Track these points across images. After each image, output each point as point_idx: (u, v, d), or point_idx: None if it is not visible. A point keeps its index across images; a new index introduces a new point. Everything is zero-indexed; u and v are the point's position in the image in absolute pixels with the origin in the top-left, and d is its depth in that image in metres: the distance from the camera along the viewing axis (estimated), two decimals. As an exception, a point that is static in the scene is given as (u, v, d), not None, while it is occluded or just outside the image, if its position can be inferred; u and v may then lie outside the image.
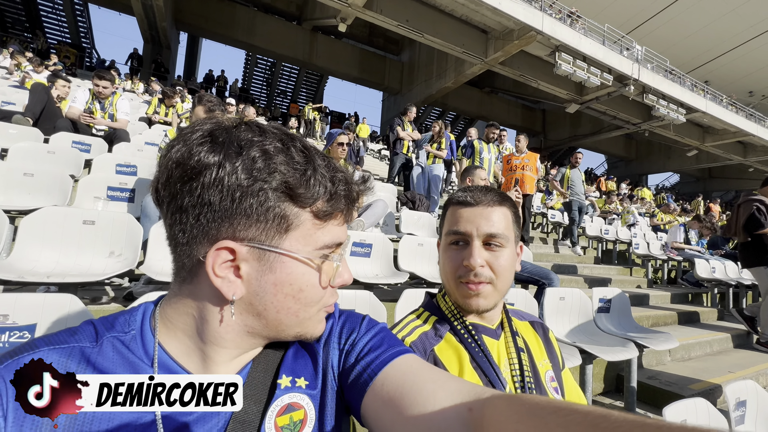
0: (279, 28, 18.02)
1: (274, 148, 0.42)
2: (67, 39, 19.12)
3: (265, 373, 0.48)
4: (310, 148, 0.46)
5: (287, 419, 0.46)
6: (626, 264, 6.16)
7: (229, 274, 0.43)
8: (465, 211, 0.76)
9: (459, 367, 0.71)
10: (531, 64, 14.20)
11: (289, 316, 0.45)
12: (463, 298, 0.74)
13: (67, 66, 12.91)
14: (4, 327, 1.06)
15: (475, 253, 0.72)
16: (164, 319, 0.46)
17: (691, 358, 3.18)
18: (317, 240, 0.45)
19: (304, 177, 0.43)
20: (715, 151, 19.86)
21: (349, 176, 0.48)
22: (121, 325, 0.45)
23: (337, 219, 0.47)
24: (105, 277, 1.65)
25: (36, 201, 2.36)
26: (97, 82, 4.04)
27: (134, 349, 0.44)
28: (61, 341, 0.42)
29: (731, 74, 20.27)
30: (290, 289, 0.44)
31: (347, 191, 0.47)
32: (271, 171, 0.41)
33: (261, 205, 0.41)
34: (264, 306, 0.44)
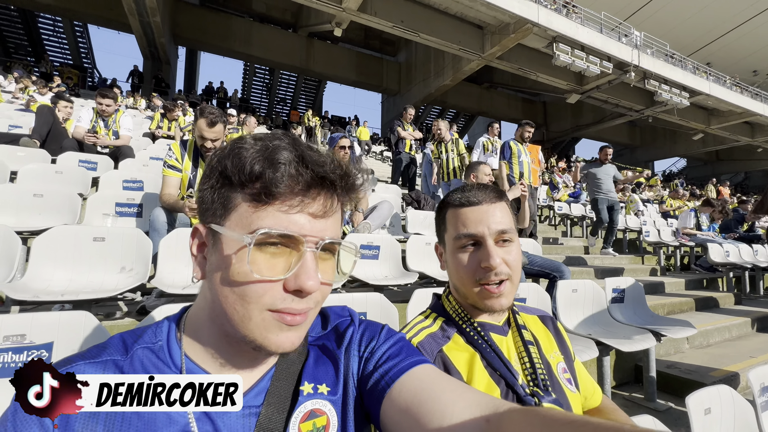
0: (275, 36, 18.16)
1: (249, 140, 0.45)
2: (68, 60, 19.45)
3: (287, 380, 0.48)
4: (295, 140, 0.45)
5: (310, 425, 0.46)
6: (637, 252, 6.08)
7: (199, 254, 0.47)
8: (470, 211, 0.75)
9: (469, 367, 0.70)
10: (529, 57, 14.14)
11: (230, 309, 0.43)
12: (485, 300, 0.73)
13: (70, 87, 13.12)
14: (22, 346, 1.08)
15: (494, 253, 0.72)
16: (188, 325, 0.48)
17: (710, 344, 3.12)
18: (251, 223, 0.42)
19: (239, 159, 0.43)
20: (721, 133, 19.58)
21: (310, 157, 0.43)
22: (149, 336, 0.47)
23: (283, 204, 0.42)
24: (118, 292, 1.66)
25: (46, 221, 2.40)
26: (100, 101, 4.10)
27: (163, 358, 0.45)
28: (94, 356, 0.43)
29: (734, 54, 19.98)
30: (225, 274, 0.43)
31: (296, 172, 0.42)
32: (223, 157, 0.44)
33: (212, 188, 0.45)
34: (213, 292, 0.45)
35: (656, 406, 2.22)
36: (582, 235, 6.94)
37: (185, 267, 2.03)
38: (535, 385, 0.70)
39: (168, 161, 2.28)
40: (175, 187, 2.30)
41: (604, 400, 0.91)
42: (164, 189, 2.25)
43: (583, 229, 7.11)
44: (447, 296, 0.82)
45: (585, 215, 7.11)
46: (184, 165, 2.34)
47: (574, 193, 8.47)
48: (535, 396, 0.68)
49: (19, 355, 1.07)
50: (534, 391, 0.69)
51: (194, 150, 2.36)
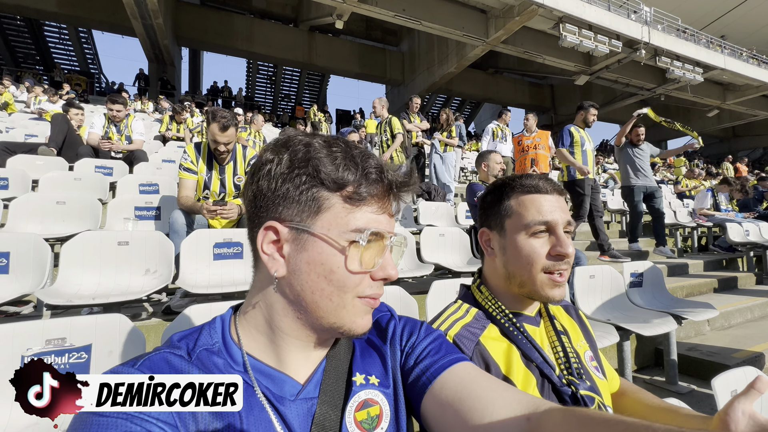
0: (277, 32, 18.09)
1: (317, 143, 0.47)
2: (75, 67, 19.73)
3: (339, 372, 0.51)
4: (351, 143, 0.50)
5: (365, 414, 0.49)
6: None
7: (274, 252, 0.48)
8: (544, 199, 0.76)
9: (506, 357, 0.71)
10: (535, 40, 13.82)
11: (323, 299, 0.47)
12: (547, 289, 0.74)
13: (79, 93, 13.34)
14: (63, 349, 1.13)
15: (568, 241, 0.74)
16: (242, 321, 0.51)
17: (732, 326, 3.09)
18: (347, 223, 0.46)
19: (334, 163, 0.46)
20: (738, 108, 18.94)
21: (386, 166, 0.49)
22: (206, 338, 0.49)
23: (371, 206, 0.48)
24: (145, 294, 1.72)
25: (70, 227, 2.47)
26: (110, 107, 4.17)
27: (224, 358, 0.48)
28: (173, 347, 0.47)
29: (750, 25, 19.18)
30: (321, 269, 0.46)
31: (379, 178, 0.48)
32: (307, 160, 0.47)
33: (296, 188, 0.46)
34: (301, 286, 0.47)
35: (678, 389, 2.22)
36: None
37: (206, 267, 2.08)
38: (570, 374, 0.71)
39: (183, 164, 2.32)
40: (192, 189, 2.34)
41: (623, 383, 0.92)
42: (181, 191, 2.30)
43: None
44: (478, 287, 0.82)
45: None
46: (199, 167, 2.38)
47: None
48: (571, 385, 0.69)
49: (60, 357, 1.13)
50: (570, 380, 0.70)
51: (208, 152, 2.40)
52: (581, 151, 3.96)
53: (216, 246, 2.10)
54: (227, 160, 2.43)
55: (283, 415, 0.45)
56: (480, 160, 2.98)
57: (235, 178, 2.47)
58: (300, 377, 0.50)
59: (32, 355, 1.09)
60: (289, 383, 0.48)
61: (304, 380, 0.50)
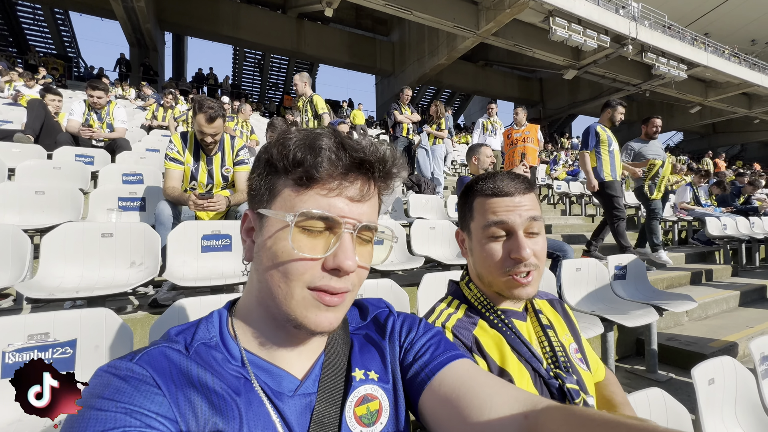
0: (264, 19, 17.64)
1: (293, 136, 0.47)
2: (52, 50, 18.89)
3: (337, 368, 0.51)
4: (330, 131, 0.48)
5: (364, 409, 0.49)
6: (635, 228, 6.14)
7: (248, 238, 0.50)
8: (502, 201, 0.75)
9: (499, 352, 0.72)
10: (525, 33, 13.84)
11: (274, 286, 0.45)
12: (511, 290, 0.74)
13: (56, 78, 12.77)
14: (47, 344, 1.10)
15: (524, 245, 0.72)
16: (239, 315, 0.51)
17: (708, 316, 3.21)
18: (294, 206, 0.45)
19: (284, 147, 0.45)
20: (719, 105, 19.45)
21: (347, 145, 0.45)
22: (203, 332, 0.48)
23: (322, 188, 0.45)
24: (131, 287, 1.68)
25: (50, 218, 2.39)
26: (91, 93, 4.01)
27: (222, 352, 0.47)
28: (171, 341, 0.46)
29: (732, 23, 19.61)
30: (270, 253, 0.46)
31: (331, 158, 0.44)
32: (268, 148, 0.47)
33: (258, 176, 0.49)
34: (260, 270, 0.47)
35: (657, 377, 2.30)
36: (581, 213, 6.98)
37: (194, 260, 2.05)
38: (556, 368, 0.72)
39: (170, 154, 2.26)
40: (178, 180, 2.29)
41: (608, 374, 0.95)
42: (167, 182, 2.24)
43: (582, 207, 7.14)
44: (467, 283, 0.82)
45: (583, 193, 7.13)
46: (186, 158, 2.32)
47: (573, 171, 8.48)
48: (558, 378, 0.71)
49: (44, 353, 1.10)
50: (557, 373, 0.71)
51: (195, 143, 2.34)
52: (608, 152, 3.63)
53: (204, 238, 2.06)
54: (215, 150, 2.38)
55: (281, 411, 0.45)
56: (470, 153, 2.99)
57: (223, 169, 2.42)
58: (296, 372, 0.49)
59: (14, 351, 1.06)
60: (287, 378, 0.48)
61: (302, 376, 0.49)
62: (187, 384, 0.41)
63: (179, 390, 0.40)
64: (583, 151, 3.67)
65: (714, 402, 1.31)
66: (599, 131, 3.66)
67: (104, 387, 0.38)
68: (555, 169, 8.82)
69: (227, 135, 2.45)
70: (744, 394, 1.40)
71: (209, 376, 0.43)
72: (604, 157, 3.63)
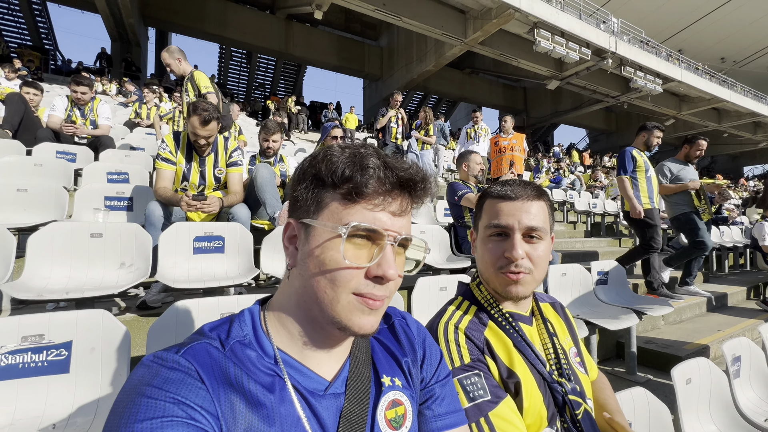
0: (252, 18, 17.46)
1: (337, 150, 0.50)
2: (27, 42, 18.16)
3: (363, 371, 0.54)
4: (374, 147, 0.52)
5: (393, 413, 0.53)
6: (615, 236, 6.37)
7: (291, 246, 0.53)
8: (505, 204, 0.79)
9: (508, 353, 0.76)
10: (511, 43, 14.19)
11: (320, 291, 0.48)
12: (503, 286, 0.78)
13: (32, 71, 12.28)
14: (41, 346, 1.08)
15: (517, 246, 0.76)
16: (269, 316, 0.53)
17: (683, 320, 3.36)
18: (341, 218, 0.48)
19: (332, 164, 0.49)
20: (691, 119, 20.38)
21: (391, 163, 0.50)
22: (237, 330, 0.50)
23: (369, 203, 0.49)
24: (122, 288, 1.65)
25: (33, 217, 2.31)
26: (75, 88, 3.90)
27: (257, 350, 0.49)
28: (208, 338, 0.48)
29: (704, 41, 20.65)
30: (317, 261, 0.48)
31: (378, 175, 0.48)
32: (315, 163, 0.51)
33: (306, 189, 0.51)
34: (304, 277, 0.50)
35: (636, 378, 2.41)
36: (563, 220, 7.18)
37: (186, 261, 2.02)
38: (560, 375, 0.77)
39: (162, 154, 2.23)
40: (170, 180, 2.26)
41: (600, 377, 1.01)
42: (159, 182, 2.21)
43: (564, 214, 7.35)
44: (478, 285, 0.86)
45: (566, 200, 7.34)
46: (178, 158, 2.29)
47: (556, 179, 8.72)
48: (561, 385, 0.75)
49: (38, 354, 1.08)
50: (560, 381, 0.76)
51: (187, 143, 2.32)
52: (645, 178, 3.40)
53: (196, 239, 2.04)
54: (207, 151, 2.36)
55: (313, 409, 0.47)
56: (461, 160, 3.06)
57: (216, 170, 2.41)
58: (325, 374, 0.51)
59: (7, 353, 1.04)
60: (317, 379, 0.50)
61: (331, 377, 0.52)
62: (225, 382, 0.43)
63: (220, 387, 0.42)
64: (621, 176, 3.41)
65: (691, 400, 1.39)
66: (636, 156, 3.43)
67: (153, 376, 0.40)
68: (538, 177, 9.05)
69: (221, 136, 2.43)
70: (717, 393, 1.49)
71: (245, 376, 0.45)
72: (641, 183, 3.40)
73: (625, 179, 3.40)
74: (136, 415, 0.37)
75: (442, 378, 0.62)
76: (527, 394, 0.72)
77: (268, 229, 2.66)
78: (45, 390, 1.07)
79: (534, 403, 0.72)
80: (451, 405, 0.60)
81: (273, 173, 2.65)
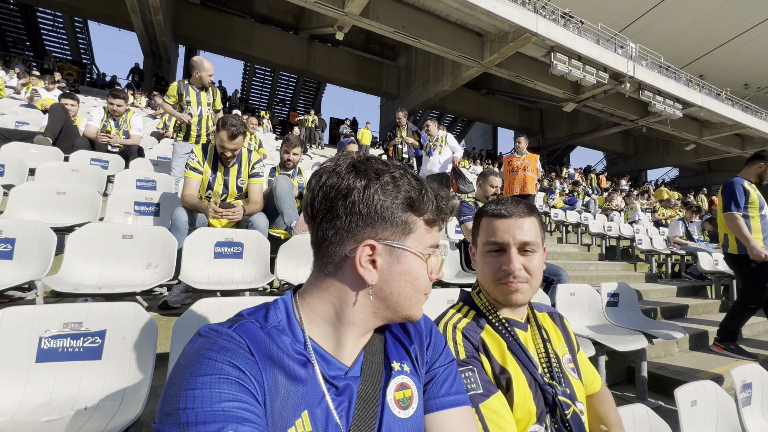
0: (276, 38, 18.27)
1: (398, 175, 0.59)
2: (67, 56, 19.40)
3: (376, 358, 0.62)
4: (419, 176, 0.62)
5: (401, 395, 0.60)
6: (630, 260, 6.26)
7: (368, 265, 0.57)
8: (500, 222, 0.88)
9: (501, 353, 0.83)
10: (527, 65, 14.38)
11: (405, 300, 0.58)
12: (504, 295, 0.86)
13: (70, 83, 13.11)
14: (79, 333, 1.18)
15: (514, 260, 0.84)
16: (306, 309, 0.60)
17: (698, 348, 3.28)
18: (427, 241, 0.60)
19: (420, 194, 0.59)
20: (713, 144, 20.00)
21: (445, 195, 0.63)
22: (273, 317, 0.58)
23: (437, 226, 0.62)
24: (148, 287, 1.77)
25: (69, 218, 2.49)
26: (111, 101, 4.18)
27: (290, 336, 0.56)
28: (252, 320, 0.56)
29: (726, 67, 20.45)
30: (409, 277, 0.58)
31: (445, 206, 0.61)
32: (398, 190, 0.57)
33: (393, 214, 0.57)
34: (390, 291, 0.58)
35: (647, 404, 2.36)
36: (576, 242, 7.11)
37: (206, 265, 2.14)
38: (551, 378, 0.83)
39: (190, 164, 2.38)
40: (196, 188, 2.41)
41: (603, 388, 1.05)
42: (186, 189, 2.36)
43: (578, 236, 7.28)
44: (478, 293, 0.93)
45: (580, 222, 7.28)
46: (205, 168, 2.44)
47: (570, 200, 8.67)
48: (552, 387, 0.81)
49: (76, 341, 1.18)
50: (551, 384, 0.82)
51: (214, 154, 2.47)
52: (759, 216, 2.85)
53: (217, 245, 2.16)
54: (232, 162, 2.51)
55: (336, 387, 0.55)
56: (481, 178, 3.15)
57: (238, 180, 2.55)
58: (347, 361, 0.59)
59: (50, 337, 1.15)
60: (339, 365, 0.58)
61: (350, 363, 0.60)
62: (269, 358, 0.51)
63: (266, 361, 0.50)
64: (733, 212, 2.84)
65: (696, 423, 1.39)
66: (748, 188, 2.89)
67: (212, 343, 0.48)
68: (552, 197, 9.01)
69: (245, 149, 2.59)
70: (725, 419, 1.48)
71: (285, 356, 0.53)
72: (754, 222, 2.83)
73: (737, 216, 2.81)
74: (198, 371, 0.45)
75: (446, 362, 0.69)
76: (518, 390, 0.78)
77: (284, 238, 2.77)
78: (79, 374, 1.17)
79: (524, 399, 0.78)
80: (453, 386, 0.66)
81: (291, 185, 2.78)
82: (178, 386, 0.44)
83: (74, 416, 1.06)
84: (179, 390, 0.43)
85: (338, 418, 0.53)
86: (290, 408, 0.50)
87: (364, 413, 0.55)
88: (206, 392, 0.43)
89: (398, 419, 0.58)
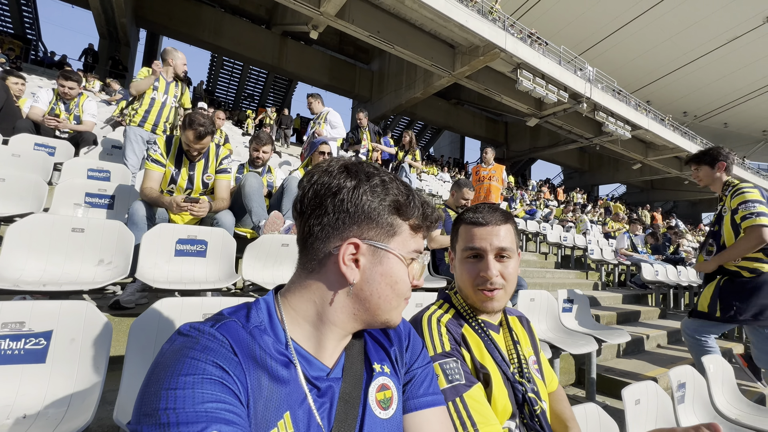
0: (247, 31, 17.71)
1: (388, 179, 0.59)
2: (9, 29, 17.64)
3: (357, 359, 0.62)
4: (407, 183, 0.63)
5: (382, 396, 0.61)
6: (583, 268, 6.68)
7: (351, 263, 0.57)
8: (478, 230, 0.91)
9: (479, 349, 0.87)
10: (495, 79, 14.99)
11: (385, 302, 0.59)
12: (481, 302, 0.90)
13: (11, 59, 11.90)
14: (20, 334, 1.08)
15: (491, 266, 0.88)
16: (288, 309, 0.59)
17: (640, 352, 3.56)
18: (410, 245, 0.61)
19: (407, 199, 0.60)
20: (656, 164, 21.86)
21: (432, 205, 0.64)
22: (254, 317, 0.56)
23: (421, 233, 0.63)
24: (99, 285, 1.64)
25: (9, 208, 2.26)
26: (62, 83, 3.86)
27: (272, 336, 0.55)
28: (234, 320, 0.54)
29: (669, 96, 22.50)
30: (390, 280, 0.58)
31: (430, 214, 0.63)
32: (387, 193, 0.58)
33: (379, 215, 0.58)
34: (370, 291, 0.58)
35: (596, 403, 2.53)
36: (535, 250, 7.47)
37: (166, 263, 2.02)
38: (521, 377, 0.87)
39: (152, 155, 2.25)
40: (158, 182, 2.27)
41: (559, 387, 1.12)
42: (146, 182, 2.22)
43: (537, 245, 7.64)
44: (455, 294, 0.97)
45: (539, 232, 7.66)
46: (168, 161, 2.32)
47: (530, 211, 9.10)
48: (522, 385, 0.86)
49: (16, 342, 1.08)
50: (521, 381, 0.86)
51: (179, 148, 2.35)
52: None
53: (179, 242, 2.05)
54: (198, 157, 2.40)
55: (317, 388, 0.55)
56: (455, 187, 3.23)
57: (204, 176, 2.44)
58: (328, 362, 0.59)
59: (-15, 338, 1.04)
60: (320, 366, 0.57)
61: (332, 365, 0.59)
62: (252, 358, 0.50)
63: (249, 362, 0.49)
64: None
65: (639, 421, 1.51)
66: None
67: (195, 342, 0.47)
68: (514, 207, 9.42)
69: (213, 144, 2.48)
70: (663, 415, 1.62)
71: (267, 356, 0.51)
72: None
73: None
74: (181, 370, 0.43)
75: (424, 364, 0.70)
76: (496, 385, 0.83)
77: (250, 237, 2.69)
78: (18, 379, 1.06)
79: (500, 394, 0.82)
80: (431, 387, 0.68)
81: (261, 183, 2.71)
82: (159, 386, 0.42)
83: (12, 425, 0.96)
84: (160, 389, 0.42)
85: (320, 419, 0.53)
86: (273, 409, 0.49)
87: (346, 414, 0.55)
88: (188, 392, 0.41)
89: (379, 420, 0.58)
